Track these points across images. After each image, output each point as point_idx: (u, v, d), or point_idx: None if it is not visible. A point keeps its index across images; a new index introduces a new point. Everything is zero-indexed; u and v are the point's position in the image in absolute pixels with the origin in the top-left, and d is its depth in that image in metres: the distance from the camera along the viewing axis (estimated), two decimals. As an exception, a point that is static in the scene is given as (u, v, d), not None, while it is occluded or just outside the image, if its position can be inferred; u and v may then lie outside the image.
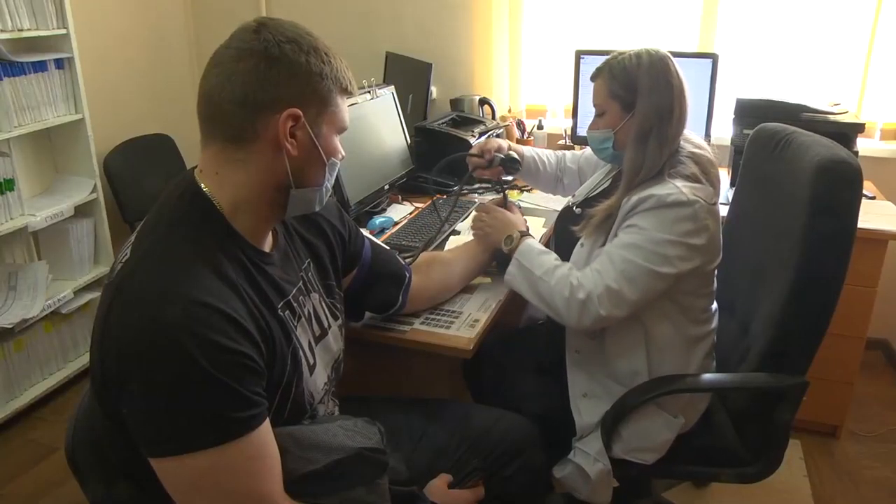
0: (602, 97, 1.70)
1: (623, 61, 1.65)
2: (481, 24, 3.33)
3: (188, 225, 1.10)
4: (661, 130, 1.61)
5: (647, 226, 1.53)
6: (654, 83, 1.62)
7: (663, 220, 1.53)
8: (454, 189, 2.60)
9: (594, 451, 1.63)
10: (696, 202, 1.53)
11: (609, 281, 1.52)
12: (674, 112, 1.62)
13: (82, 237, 2.98)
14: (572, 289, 1.54)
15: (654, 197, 1.53)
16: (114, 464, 1.15)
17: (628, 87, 1.64)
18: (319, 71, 1.12)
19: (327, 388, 1.34)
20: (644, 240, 1.53)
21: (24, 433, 2.74)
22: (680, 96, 1.63)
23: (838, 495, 2.38)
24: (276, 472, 1.08)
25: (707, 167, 1.63)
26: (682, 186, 1.54)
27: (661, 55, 1.64)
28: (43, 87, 2.73)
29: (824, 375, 2.51)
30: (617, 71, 1.65)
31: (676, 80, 1.63)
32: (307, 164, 1.16)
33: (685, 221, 1.53)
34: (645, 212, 1.54)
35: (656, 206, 1.53)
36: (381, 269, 1.59)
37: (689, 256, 1.55)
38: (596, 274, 1.54)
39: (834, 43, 2.96)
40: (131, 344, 0.98)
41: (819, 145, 1.53)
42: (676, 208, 1.52)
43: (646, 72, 1.62)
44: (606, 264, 1.55)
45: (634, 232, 1.55)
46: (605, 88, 1.68)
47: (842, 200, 1.46)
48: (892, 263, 2.74)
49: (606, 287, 1.52)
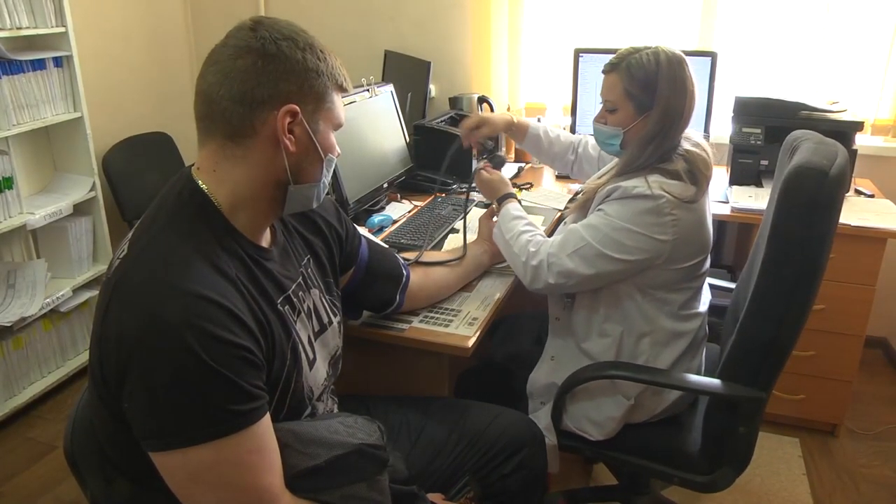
0: (616, 94, 1.67)
1: (641, 59, 1.62)
2: (480, 22, 3.33)
3: (186, 221, 1.11)
4: (668, 135, 1.63)
5: (611, 213, 1.60)
6: (672, 88, 1.61)
7: (626, 210, 1.58)
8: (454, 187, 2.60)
9: (543, 425, 1.70)
10: (661, 197, 1.56)
11: (561, 253, 1.63)
12: (684, 117, 1.64)
13: (81, 235, 2.98)
14: (528, 255, 1.67)
15: (621, 188, 1.60)
16: (113, 461, 1.15)
17: (647, 89, 1.63)
18: (315, 67, 1.13)
19: (326, 384, 1.34)
20: (604, 224, 1.60)
21: (22, 431, 2.73)
22: (692, 100, 1.64)
23: (837, 494, 2.38)
24: (276, 466, 1.09)
25: (697, 166, 1.63)
26: (653, 182, 1.58)
27: (679, 57, 1.64)
28: (42, 86, 2.73)
29: (823, 374, 2.53)
30: (636, 70, 1.63)
31: (691, 84, 1.64)
32: (305, 161, 1.17)
33: (648, 214, 1.57)
34: (613, 200, 1.61)
35: (622, 196, 1.59)
36: (379, 269, 1.59)
37: (648, 249, 1.59)
38: (553, 245, 1.65)
39: (833, 41, 2.95)
40: (130, 339, 0.98)
41: (808, 150, 1.48)
42: (641, 200, 1.57)
43: (665, 75, 1.61)
44: (564, 238, 1.65)
45: (599, 216, 1.62)
46: (621, 86, 1.65)
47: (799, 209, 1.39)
48: (891, 262, 2.74)
49: (557, 257, 1.63)
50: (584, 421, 1.72)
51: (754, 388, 1.54)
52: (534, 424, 1.64)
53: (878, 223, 2.36)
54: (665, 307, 1.68)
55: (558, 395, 1.70)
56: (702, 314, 1.76)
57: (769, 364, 1.53)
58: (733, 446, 1.62)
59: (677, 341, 1.71)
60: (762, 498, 2.33)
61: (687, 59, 1.65)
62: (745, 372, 1.55)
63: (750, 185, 2.66)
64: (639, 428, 1.73)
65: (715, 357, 1.86)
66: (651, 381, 1.66)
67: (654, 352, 1.70)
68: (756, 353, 1.52)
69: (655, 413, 1.73)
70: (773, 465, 2.48)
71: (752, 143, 2.61)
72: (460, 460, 1.51)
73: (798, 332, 1.50)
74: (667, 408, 1.73)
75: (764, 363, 1.52)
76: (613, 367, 1.65)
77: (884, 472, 2.49)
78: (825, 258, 1.45)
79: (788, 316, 1.46)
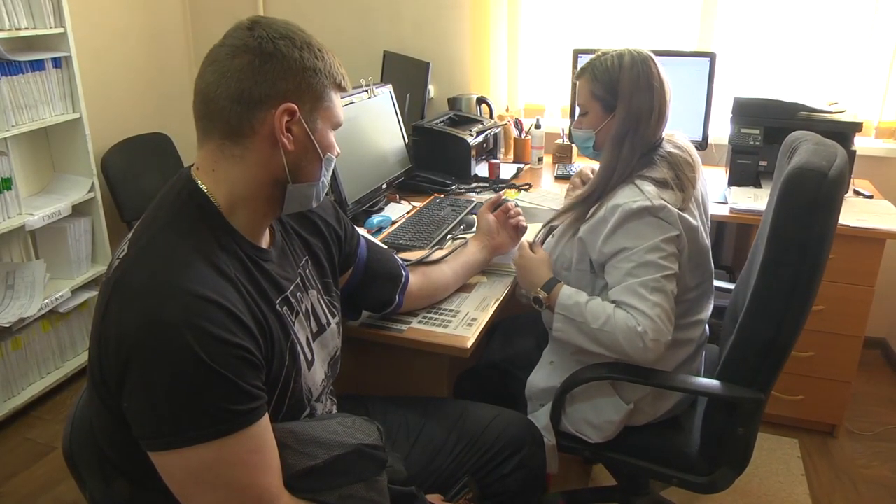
0: (585, 97, 1.72)
1: (605, 62, 1.67)
2: (479, 23, 3.33)
3: (185, 221, 1.11)
4: (638, 132, 1.64)
5: (631, 244, 1.55)
6: (634, 86, 1.64)
7: (640, 231, 1.56)
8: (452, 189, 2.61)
9: (542, 425, 1.70)
10: (662, 207, 1.55)
11: (657, 310, 1.51)
12: (653, 114, 1.64)
13: (80, 236, 2.98)
14: (643, 337, 1.50)
15: (620, 208, 1.56)
16: (112, 462, 1.15)
17: (609, 88, 1.66)
18: (313, 66, 1.13)
19: (325, 384, 1.34)
20: (640, 255, 1.54)
21: (21, 432, 2.73)
22: (661, 98, 1.65)
23: (836, 494, 2.38)
24: (275, 466, 1.09)
25: (682, 168, 1.64)
26: (648, 191, 1.57)
27: (644, 56, 1.66)
28: (40, 86, 2.73)
29: (822, 374, 2.53)
30: (599, 72, 1.67)
31: (658, 82, 1.65)
32: (303, 159, 1.17)
33: (654, 220, 1.56)
34: (619, 229, 1.56)
35: (625, 218, 1.55)
36: (378, 269, 1.59)
37: (676, 252, 1.58)
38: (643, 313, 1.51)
39: (832, 42, 2.96)
40: (130, 338, 0.98)
41: (807, 151, 1.47)
42: (646, 216, 1.55)
43: (627, 74, 1.64)
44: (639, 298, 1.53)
45: (626, 257, 1.56)
46: (588, 89, 1.70)
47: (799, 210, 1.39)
48: (890, 262, 2.75)
49: (658, 317, 1.51)
50: (582, 424, 1.72)
51: (753, 389, 1.54)
52: (532, 425, 1.65)
53: (876, 224, 2.36)
54: None
55: (557, 396, 1.70)
56: (703, 320, 1.76)
57: (768, 365, 1.52)
58: (732, 447, 1.62)
59: (679, 350, 1.70)
60: (761, 498, 2.33)
61: (655, 58, 1.67)
62: (744, 373, 1.55)
63: (749, 186, 2.66)
64: (638, 429, 1.73)
65: (714, 358, 1.86)
66: (650, 383, 1.66)
67: None
68: (755, 354, 1.52)
69: (655, 416, 1.73)
70: (772, 466, 2.48)
71: (751, 144, 2.62)
72: (459, 461, 1.51)
73: (797, 333, 1.50)
74: (667, 411, 1.73)
75: (763, 364, 1.52)
76: (612, 368, 1.64)
77: (883, 473, 2.49)
78: (824, 259, 1.45)
79: (788, 317, 1.46)
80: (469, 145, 2.70)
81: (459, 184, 2.68)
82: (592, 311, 1.57)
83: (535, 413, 1.78)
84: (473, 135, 2.76)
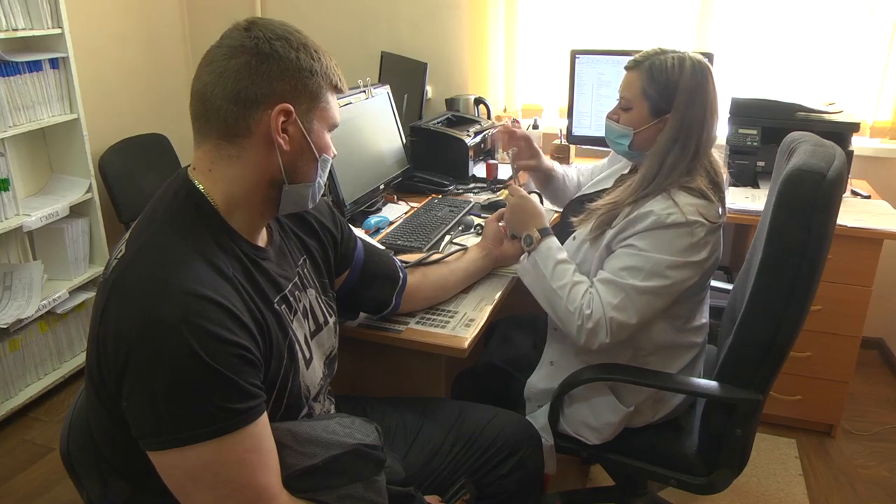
0: (633, 92, 1.63)
1: (665, 62, 1.58)
2: (476, 23, 3.33)
3: (183, 221, 1.11)
4: (687, 144, 1.58)
5: (648, 247, 1.53)
6: (691, 96, 1.57)
7: (663, 242, 1.53)
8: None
9: (540, 426, 1.70)
10: (695, 223, 1.52)
11: (613, 310, 1.53)
12: (704, 127, 1.58)
13: (77, 237, 2.97)
14: (584, 317, 1.55)
15: (653, 216, 1.53)
16: (110, 462, 1.16)
17: (665, 92, 1.58)
18: (309, 67, 1.13)
19: (323, 383, 1.35)
20: (644, 262, 1.53)
21: (19, 433, 2.73)
22: (713, 111, 1.59)
23: (834, 494, 2.39)
24: (273, 465, 1.09)
25: (720, 174, 1.62)
26: (684, 204, 1.53)
27: (704, 66, 1.59)
28: (38, 87, 2.72)
29: (820, 374, 2.53)
30: (657, 72, 1.58)
31: (713, 95, 1.59)
32: (299, 160, 1.17)
33: (684, 239, 1.52)
34: (644, 232, 1.54)
35: (654, 226, 1.53)
36: (375, 271, 1.59)
37: (689, 274, 1.55)
38: (603, 304, 1.54)
39: (828, 41, 2.96)
40: (129, 338, 0.99)
41: (805, 153, 1.47)
42: (675, 229, 1.52)
43: (687, 82, 1.56)
44: (608, 290, 1.55)
45: (633, 254, 1.54)
46: (639, 85, 1.61)
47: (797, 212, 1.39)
48: (887, 262, 2.75)
49: (611, 318, 1.53)
50: (581, 426, 1.72)
51: (751, 390, 1.54)
52: (530, 425, 1.64)
53: (874, 224, 2.37)
54: (672, 321, 1.66)
55: (555, 397, 1.69)
56: (706, 324, 1.76)
57: (766, 366, 1.52)
58: (730, 448, 1.62)
59: (684, 355, 1.70)
60: (759, 499, 2.33)
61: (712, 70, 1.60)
62: (742, 374, 1.55)
63: (746, 186, 2.67)
64: (637, 431, 1.72)
65: (712, 358, 1.86)
66: (647, 384, 1.66)
67: (659, 364, 1.69)
68: (753, 355, 1.52)
69: (655, 419, 1.73)
70: (770, 466, 2.49)
71: (749, 145, 2.62)
72: (457, 461, 1.51)
73: (796, 334, 1.50)
74: (667, 413, 1.73)
75: (761, 365, 1.52)
76: (610, 369, 1.65)
77: (880, 473, 2.49)
78: (823, 260, 1.45)
79: (786, 318, 1.46)
80: (467, 146, 2.70)
81: (457, 184, 2.68)
82: (560, 272, 1.61)
83: (533, 413, 1.77)
84: (471, 135, 2.76)
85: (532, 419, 1.72)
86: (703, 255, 1.55)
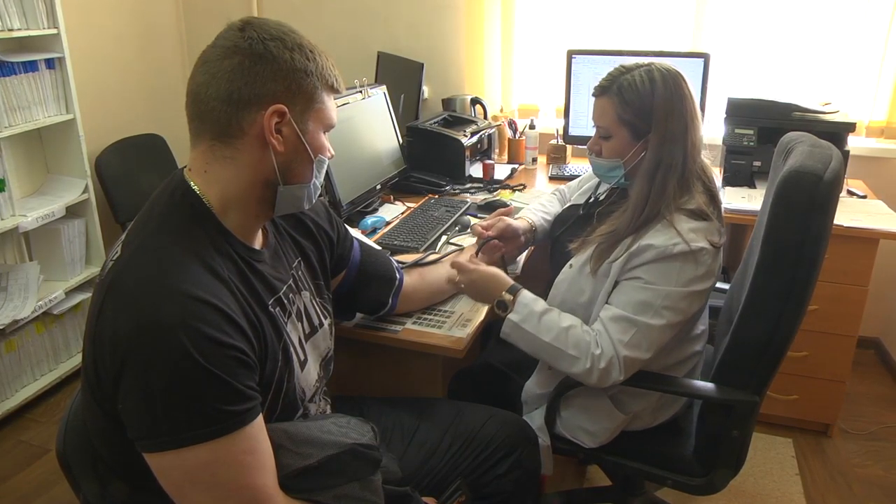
0: (609, 120, 1.57)
1: (634, 81, 1.52)
2: (473, 23, 3.33)
3: (179, 222, 1.11)
4: (674, 158, 1.52)
5: (654, 279, 1.49)
6: (669, 110, 1.51)
7: (669, 273, 1.48)
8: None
9: (536, 426, 1.69)
10: (700, 250, 1.48)
11: (626, 350, 1.48)
12: (687, 138, 1.53)
13: (74, 238, 2.97)
14: (593, 358, 1.48)
15: (656, 249, 1.48)
16: (107, 463, 1.15)
17: (641, 114, 1.52)
18: (304, 67, 1.13)
19: (318, 385, 1.35)
20: (652, 296, 1.48)
21: (15, 434, 2.72)
22: (693, 116, 1.54)
23: (830, 493, 2.39)
24: (269, 466, 1.09)
25: (713, 180, 1.60)
26: (686, 231, 1.48)
27: (674, 74, 1.53)
28: (34, 87, 2.72)
29: (817, 374, 2.53)
30: (629, 94, 1.52)
31: (690, 101, 1.54)
32: (294, 161, 1.17)
33: (689, 268, 1.49)
34: (650, 264, 1.49)
35: (660, 257, 1.48)
36: (371, 272, 1.59)
37: (698, 303, 1.55)
38: (613, 342, 1.49)
39: (825, 42, 2.97)
40: (125, 339, 0.98)
41: (802, 154, 1.47)
42: (681, 259, 1.48)
43: (661, 97, 1.51)
44: (622, 329, 1.49)
45: (641, 287, 1.50)
46: (613, 112, 1.55)
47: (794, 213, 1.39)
48: (884, 262, 2.76)
49: (625, 357, 1.48)
50: (577, 430, 1.71)
51: (748, 391, 1.54)
52: (527, 425, 1.64)
53: (870, 224, 2.37)
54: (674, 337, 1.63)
55: (552, 399, 1.69)
56: (704, 331, 1.75)
57: (763, 367, 1.52)
58: (727, 449, 1.62)
59: (686, 364, 1.69)
60: (755, 498, 2.34)
61: (683, 74, 1.56)
62: (738, 375, 1.55)
63: (743, 187, 2.67)
64: (634, 433, 1.72)
65: (708, 358, 1.86)
66: (644, 386, 1.65)
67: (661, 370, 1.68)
68: (750, 356, 1.52)
69: (653, 424, 1.72)
70: (767, 466, 2.49)
71: (745, 145, 2.62)
72: (454, 461, 1.50)
73: (793, 335, 1.49)
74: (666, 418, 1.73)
75: (758, 366, 1.52)
76: None
77: (877, 472, 2.50)
78: (820, 261, 1.45)
79: (783, 319, 1.46)
80: (463, 146, 2.70)
81: (454, 184, 2.68)
82: (551, 322, 1.53)
83: (529, 414, 1.77)
84: (468, 135, 2.76)
85: (529, 419, 1.72)
86: (710, 283, 1.54)
